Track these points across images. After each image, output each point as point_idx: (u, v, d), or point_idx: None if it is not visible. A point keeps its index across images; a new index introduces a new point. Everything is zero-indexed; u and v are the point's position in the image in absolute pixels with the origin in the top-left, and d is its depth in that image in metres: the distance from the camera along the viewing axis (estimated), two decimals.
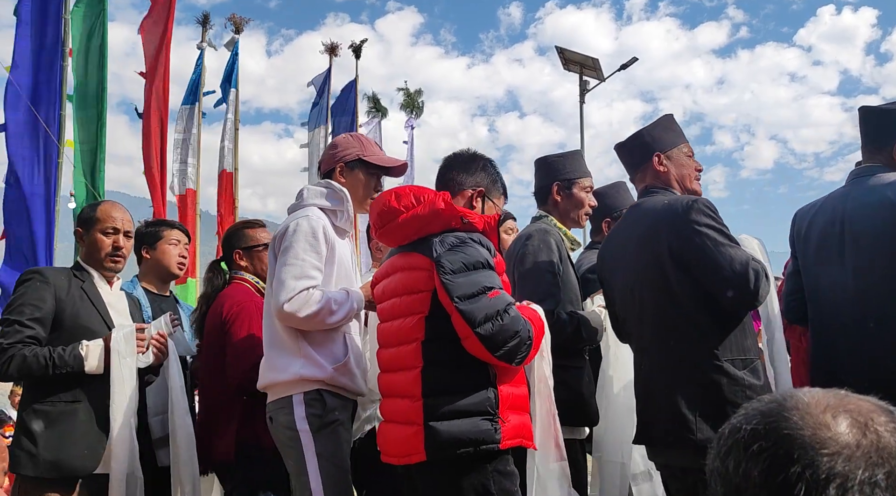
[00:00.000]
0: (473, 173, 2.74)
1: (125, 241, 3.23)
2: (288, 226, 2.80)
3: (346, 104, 14.65)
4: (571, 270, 3.24)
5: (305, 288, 2.67)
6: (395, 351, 2.51)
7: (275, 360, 2.77)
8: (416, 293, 2.45)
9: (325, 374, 2.72)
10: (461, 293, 2.31)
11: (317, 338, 2.76)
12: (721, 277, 2.60)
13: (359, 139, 3.10)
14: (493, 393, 2.35)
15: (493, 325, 2.28)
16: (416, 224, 2.48)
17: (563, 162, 3.48)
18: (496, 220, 2.56)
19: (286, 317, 2.67)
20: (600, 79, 17.43)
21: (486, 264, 2.39)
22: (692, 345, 2.67)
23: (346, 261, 2.92)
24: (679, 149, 2.97)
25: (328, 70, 14.50)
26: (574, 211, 3.41)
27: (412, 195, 2.51)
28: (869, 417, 0.86)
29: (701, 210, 2.66)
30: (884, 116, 2.92)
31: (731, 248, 2.61)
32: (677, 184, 2.93)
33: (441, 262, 2.35)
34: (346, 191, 2.94)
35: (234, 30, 12.39)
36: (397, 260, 2.58)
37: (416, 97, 15.77)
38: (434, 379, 2.37)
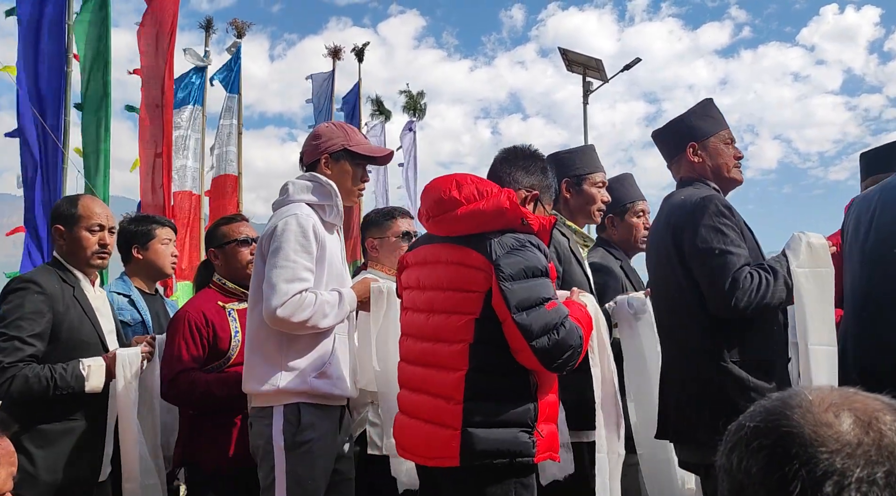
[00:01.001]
0: (532, 174, 2.65)
1: (110, 237, 3.10)
2: (276, 225, 2.67)
3: (350, 108, 14.69)
4: (578, 269, 3.17)
5: (298, 291, 2.57)
6: (432, 346, 2.39)
7: (256, 369, 2.69)
8: (467, 292, 2.32)
9: (306, 386, 2.65)
10: (518, 302, 2.21)
11: (302, 343, 2.67)
12: (703, 283, 2.63)
13: (342, 128, 2.98)
14: (533, 405, 2.29)
15: (549, 339, 2.21)
16: (478, 219, 2.34)
17: (573, 158, 3.43)
18: (552, 223, 2.45)
19: (279, 323, 2.58)
20: (603, 80, 17.39)
21: (544, 272, 2.30)
22: (697, 342, 2.68)
23: (336, 259, 2.82)
24: (718, 136, 2.91)
25: (332, 73, 14.52)
26: (585, 207, 3.36)
27: (475, 186, 2.37)
28: (874, 416, 0.86)
29: (707, 209, 2.65)
30: None
31: (720, 255, 2.59)
32: (713, 174, 2.88)
33: (501, 266, 2.24)
34: (334, 184, 2.82)
35: (237, 34, 12.42)
36: (441, 250, 2.44)
37: (418, 100, 15.79)
38: (478, 384, 2.28)
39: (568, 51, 17.23)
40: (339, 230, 2.92)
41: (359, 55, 15.15)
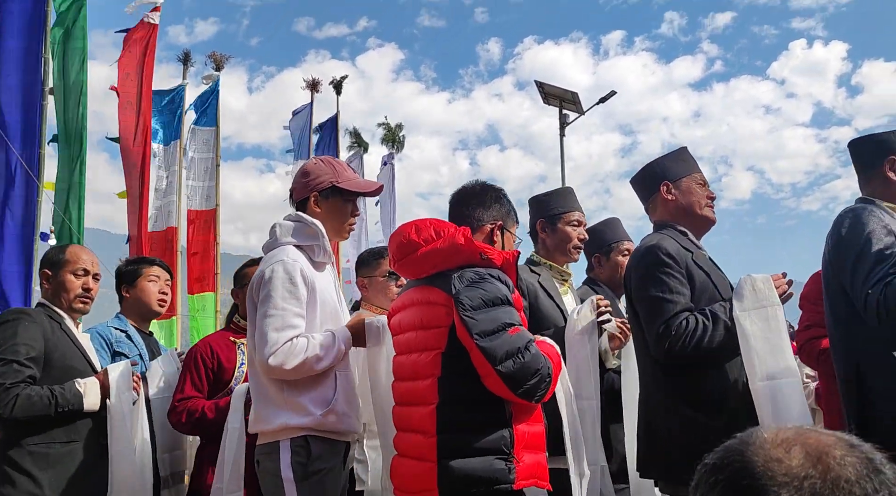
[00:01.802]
0: (489, 207, 2.73)
1: (94, 283, 3.25)
2: (264, 272, 2.68)
3: (328, 139, 14.72)
4: (549, 303, 3.28)
5: (288, 339, 2.57)
6: (410, 385, 2.46)
7: (260, 411, 2.69)
8: (432, 328, 2.40)
9: (312, 421, 2.62)
10: (481, 330, 2.26)
11: (303, 382, 2.66)
12: (644, 326, 2.76)
13: (330, 164, 2.95)
14: (508, 432, 2.30)
15: (514, 363, 2.24)
16: (435, 258, 2.44)
17: (548, 199, 3.56)
18: (515, 256, 2.52)
19: (273, 371, 2.57)
20: (580, 112, 17.58)
21: (505, 300, 2.35)
22: (653, 382, 2.81)
23: (329, 298, 2.80)
24: (691, 178, 3.01)
25: (310, 105, 14.58)
26: (561, 246, 3.46)
27: (432, 229, 2.47)
28: (824, 451, 0.89)
29: (647, 258, 2.79)
30: (869, 141, 2.96)
31: (656, 303, 2.71)
32: (685, 213, 2.97)
33: (460, 299, 2.30)
34: (319, 224, 2.80)
35: (215, 67, 12.43)
36: (414, 293, 2.54)
37: (396, 132, 15.85)
38: (449, 416, 2.32)
39: (544, 84, 17.42)
40: (331, 266, 2.93)
41: (337, 88, 15.23)
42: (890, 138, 2.90)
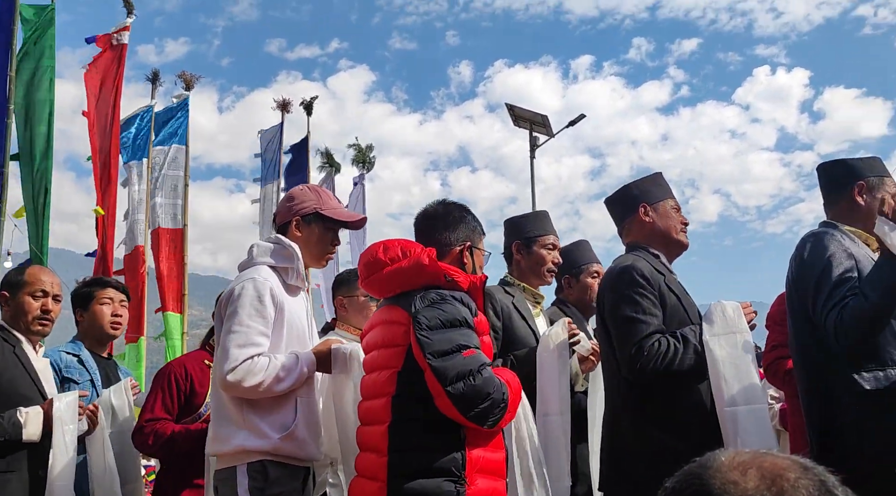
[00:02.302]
0: (455, 229, 2.69)
1: (54, 304, 3.18)
2: (234, 289, 2.67)
3: (298, 160, 14.65)
4: (522, 324, 3.32)
5: (249, 356, 2.54)
6: (370, 404, 2.46)
7: (218, 430, 2.65)
8: (392, 347, 2.41)
9: (269, 445, 2.58)
10: (434, 350, 2.25)
11: (263, 405, 2.62)
12: (617, 346, 2.78)
13: (316, 192, 2.97)
14: (461, 455, 2.28)
15: (464, 385, 2.22)
16: (400, 278, 2.45)
17: (524, 222, 3.61)
18: (483, 281, 2.52)
19: (230, 388, 2.55)
20: (549, 135, 17.73)
21: (464, 322, 2.34)
22: (621, 403, 2.83)
23: (297, 322, 2.78)
24: (666, 202, 3.06)
25: (280, 125, 14.51)
26: (536, 268, 3.51)
27: (400, 248, 2.49)
28: (779, 474, 0.92)
29: (622, 279, 2.82)
30: (839, 165, 3.02)
31: (629, 324, 2.74)
32: (662, 236, 3.02)
33: (418, 318, 2.30)
34: (296, 247, 2.80)
35: (185, 87, 12.34)
36: (381, 312, 2.56)
37: (367, 152, 15.81)
38: (402, 435, 2.31)
39: (515, 106, 17.55)
40: (304, 292, 2.91)
41: (307, 108, 15.17)
42: (859, 164, 2.96)
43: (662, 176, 3.17)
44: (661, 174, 3.18)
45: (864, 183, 2.91)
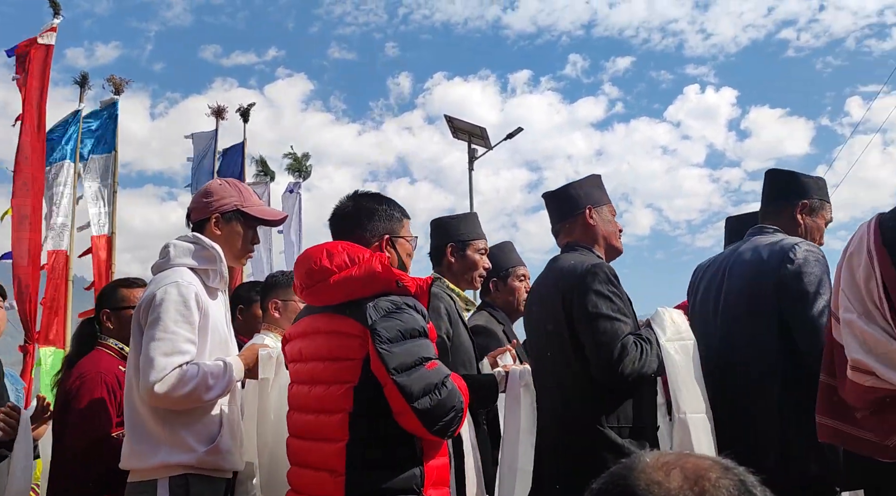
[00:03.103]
0: (369, 223, 2.55)
1: None
2: (155, 293, 2.52)
3: (232, 167, 14.35)
4: (465, 332, 3.23)
5: (178, 365, 2.42)
6: (315, 419, 2.32)
7: (136, 445, 2.51)
8: (345, 360, 2.27)
9: (194, 458, 2.48)
10: (398, 364, 2.16)
11: (187, 416, 2.51)
12: (591, 348, 2.71)
13: (236, 187, 2.84)
14: (419, 470, 2.23)
15: (431, 400, 2.16)
16: (351, 286, 2.29)
17: (458, 224, 3.51)
18: (429, 283, 2.43)
19: (157, 399, 2.41)
20: (488, 147, 17.85)
21: (422, 332, 2.27)
22: (576, 407, 2.76)
23: (220, 326, 2.68)
24: (608, 207, 3.08)
25: (215, 132, 14.21)
26: (468, 272, 3.43)
27: (346, 254, 2.33)
28: (701, 474, 0.95)
29: (598, 276, 2.75)
30: (791, 177, 3.08)
31: (608, 321, 2.68)
32: (603, 240, 3.02)
33: (376, 330, 2.18)
34: (219, 248, 2.68)
35: (114, 91, 11.98)
36: (320, 321, 2.39)
37: (303, 161, 15.62)
38: (359, 454, 2.21)
39: (454, 118, 17.63)
40: (223, 294, 2.79)
41: (244, 115, 14.89)
42: (809, 183, 3.03)
43: (601, 180, 3.16)
44: (601, 177, 3.17)
45: (808, 203, 3.00)
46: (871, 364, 2.16)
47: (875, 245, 2.23)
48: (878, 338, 2.15)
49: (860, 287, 2.25)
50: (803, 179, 3.05)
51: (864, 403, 2.22)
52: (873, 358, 2.16)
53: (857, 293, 2.26)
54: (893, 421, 2.16)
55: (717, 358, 2.92)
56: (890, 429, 2.16)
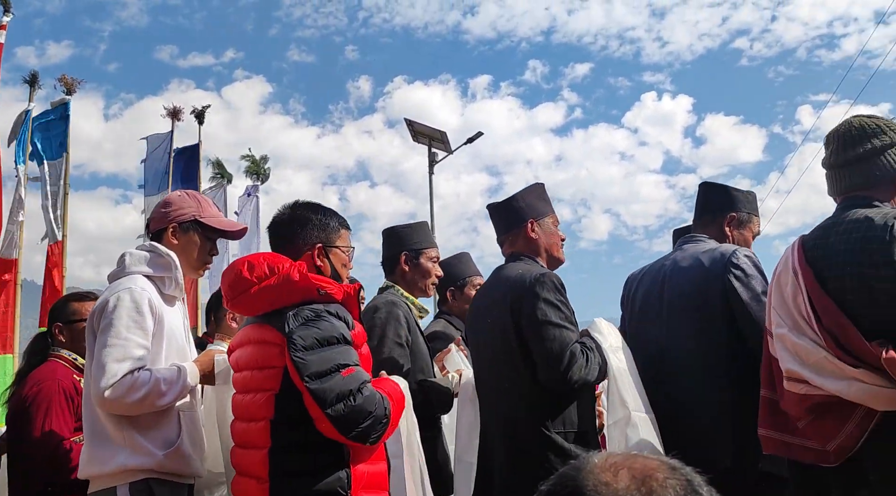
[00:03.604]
0: (302, 232, 2.53)
1: None
2: (108, 300, 2.52)
3: (188, 170, 14.14)
4: (421, 339, 3.29)
5: (130, 371, 2.41)
6: (245, 426, 2.36)
7: (96, 451, 2.49)
8: (267, 369, 2.30)
9: (153, 462, 2.46)
10: (312, 371, 2.17)
11: (145, 421, 2.50)
12: (539, 354, 2.75)
13: (195, 198, 2.86)
14: (345, 473, 2.23)
15: (345, 406, 2.16)
16: (271, 296, 2.33)
17: (411, 232, 3.55)
18: (357, 289, 2.44)
19: (109, 405, 2.40)
20: (448, 151, 17.87)
21: (341, 339, 2.27)
22: (522, 412, 2.81)
23: (177, 333, 2.67)
24: (551, 217, 3.12)
25: (170, 134, 13.99)
26: (421, 280, 3.48)
27: (266, 265, 2.35)
28: (648, 474, 0.96)
29: (546, 285, 2.80)
30: (721, 191, 3.19)
31: (557, 329, 2.74)
32: (545, 252, 3.06)
33: (293, 338, 2.20)
34: (174, 256, 2.69)
35: (66, 91, 11.70)
36: (251, 331, 2.43)
37: (261, 164, 15.45)
38: (282, 461, 2.23)
39: (414, 122, 17.61)
40: (181, 302, 2.80)
41: (199, 117, 14.68)
42: (738, 197, 3.15)
43: (545, 189, 3.22)
44: (544, 186, 3.23)
45: (736, 216, 3.12)
46: (803, 373, 2.31)
47: (799, 264, 2.41)
48: (809, 349, 2.30)
49: (789, 303, 2.41)
50: (733, 193, 3.17)
51: (801, 412, 2.34)
52: (806, 368, 2.31)
53: (786, 309, 2.42)
54: (830, 427, 2.27)
55: (661, 364, 2.99)
56: (828, 435, 2.27)
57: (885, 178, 2.43)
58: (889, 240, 2.21)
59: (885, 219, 2.26)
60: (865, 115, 2.51)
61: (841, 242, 2.34)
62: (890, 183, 2.44)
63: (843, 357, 2.22)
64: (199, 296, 12.33)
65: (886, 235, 2.22)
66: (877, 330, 2.20)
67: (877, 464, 2.21)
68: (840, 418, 2.25)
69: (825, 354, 2.25)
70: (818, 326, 2.30)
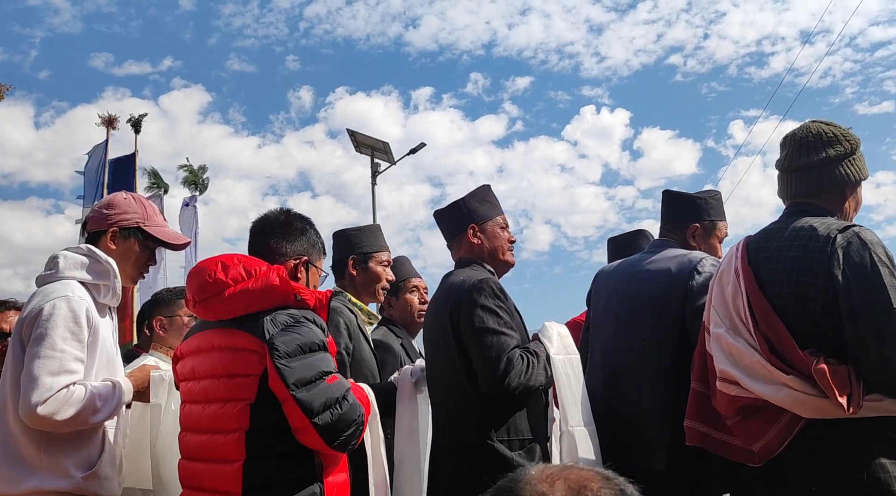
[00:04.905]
0: (294, 240, 2.51)
1: None
2: (42, 308, 2.35)
3: (123, 179, 13.79)
4: (366, 346, 3.19)
5: (64, 385, 2.26)
6: (209, 439, 2.21)
7: (7, 470, 2.31)
8: (242, 377, 2.18)
9: (71, 485, 2.32)
10: (297, 379, 2.08)
11: (66, 439, 2.34)
12: (477, 361, 2.73)
13: (142, 203, 2.71)
14: (319, 487, 2.17)
15: (331, 414, 2.09)
16: (247, 300, 2.21)
17: (360, 236, 3.45)
18: (328, 296, 2.37)
19: (40, 422, 2.24)
20: (391, 162, 17.88)
21: (322, 346, 2.20)
22: (467, 420, 2.78)
23: (108, 345, 2.52)
24: (495, 221, 3.07)
25: (105, 143, 13.64)
26: (370, 285, 3.38)
27: (241, 266, 2.25)
28: (583, 484, 1.00)
29: (483, 291, 2.77)
30: (685, 201, 3.16)
31: (494, 336, 2.71)
32: (489, 256, 3.03)
33: (275, 345, 2.11)
34: (113, 263, 2.54)
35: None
36: (214, 336, 2.28)
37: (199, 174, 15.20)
38: (257, 474, 2.12)
39: (356, 133, 17.57)
40: (111, 311, 2.63)
41: (135, 126, 14.34)
42: (700, 205, 3.12)
43: (491, 190, 3.17)
44: (490, 187, 3.17)
45: (699, 226, 3.10)
46: (735, 375, 2.33)
47: (742, 265, 2.43)
48: (743, 351, 2.32)
49: (728, 303, 2.43)
50: (696, 202, 3.15)
51: (731, 411, 2.36)
52: (738, 369, 2.33)
53: (725, 309, 2.44)
54: (756, 427, 2.30)
55: (615, 363, 2.99)
56: (754, 435, 2.31)
57: (835, 188, 2.45)
58: (830, 252, 2.24)
59: (829, 230, 2.29)
60: (824, 122, 2.52)
61: (784, 248, 2.36)
62: (839, 193, 2.47)
63: (775, 362, 2.25)
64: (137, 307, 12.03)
65: (828, 247, 2.25)
66: (810, 338, 2.24)
67: (796, 470, 2.24)
68: (767, 421, 2.28)
69: (759, 358, 2.27)
70: (754, 329, 2.32)
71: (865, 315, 2.16)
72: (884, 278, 2.18)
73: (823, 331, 2.23)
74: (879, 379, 2.15)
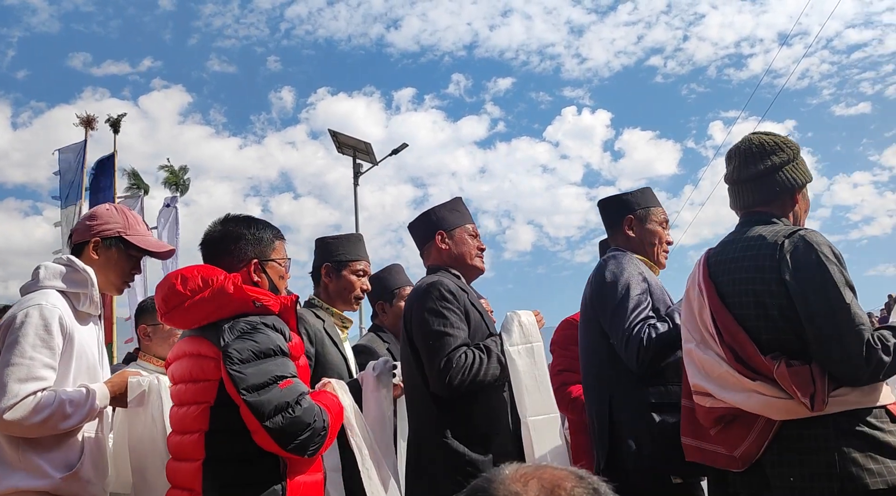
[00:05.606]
0: (236, 248, 2.47)
1: None
2: (16, 316, 2.39)
3: (102, 180, 13.70)
4: (334, 350, 3.24)
5: (32, 392, 2.29)
6: (179, 439, 2.31)
7: None
8: (201, 382, 2.26)
9: (49, 485, 2.35)
10: (249, 384, 2.14)
11: (44, 442, 2.38)
12: (425, 362, 2.81)
13: (123, 213, 2.74)
14: (281, 487, 2.21)
15: (283, 418, 2.13)
16: (205, 309, 2.28)
17: (338, 244, 3.50)
18: (294, 300, 2.41)
19: (7, 427, 2.29)
20: (373, 162, 17.87)
21: (278, 351, 2.24)
22: (426, 417, 2.87)
23: (88, 352, 2.55)
24: (463, 228, 3.14)
25: (83, 144, 13.53)
26: (343, 293, 3.42)
27: (200, 278, 2.30)
28: (557, 484, 1.00)
29: (431, 295, 2.86)
30: (613, 201, 3.26)
31: (437, 337, 2.78)
32: (457, 261, 3.10)
33: (228, 352, 2.17)
34: (91, 271, 2.57)
35: None
36: (186, 344, 2.39)
37: (180, 175, 15.13)
38: (216, 473, 2.20)
39: (338, 133, 17.55)
40: (95, 320, 2.67)
41: (114, 126, 14.29)
42: (629, 200, 3.21)
43: (461, 201, 3.25)
44: (461, 199, 3.26)
45: (633, 217, 3.16)
46: (708, 387, 2.41)
47: (703, 279, 2.51)
48: (713, 364, 2.40)
49: (696, 318, 2.50)
50: (624, 197, 3.23)
51: (710, 422, 2.44)
52: (710, 382, 2.41)
53: (694, 324, 2.51)
54: (736, 435, 2.37)
55: (584, 361, 3.10)
56: (735, 442, 2.38)
57: (782, 194, 2.53)
58: (779, 258, 2.31)
59: (776, 237, 2.36)
60: (763, 133, 2.60)
61: (738, 260, 2.44)
62: (788, 198, 2.54)
63: (742, 370, 2.32)
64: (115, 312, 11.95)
65: (776, 254, 2.32)
66: (773, 344, 2.31)
67: (775, 471, 2.31)
68: (744, 427, 2.35)
69: (727, 368, 2.35)
70: (720, 341, 2.39)
71: (820, 314, 2.23)
72: (833, 276, 2.25)
73: (785, 335, 2.30)
74: (845, 373, 2.22)
